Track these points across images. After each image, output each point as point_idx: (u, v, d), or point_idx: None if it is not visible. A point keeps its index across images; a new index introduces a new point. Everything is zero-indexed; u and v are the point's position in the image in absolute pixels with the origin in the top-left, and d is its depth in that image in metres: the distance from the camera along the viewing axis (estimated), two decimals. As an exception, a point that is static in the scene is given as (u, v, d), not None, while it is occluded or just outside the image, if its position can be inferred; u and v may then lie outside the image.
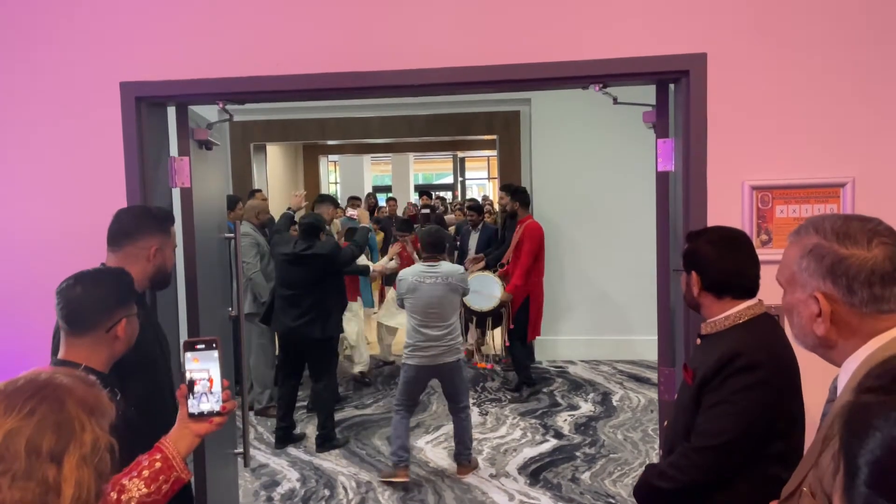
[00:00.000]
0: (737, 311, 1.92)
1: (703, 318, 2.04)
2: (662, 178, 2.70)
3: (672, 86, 2.61)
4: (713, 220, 2.43)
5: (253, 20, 2.64)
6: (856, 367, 1.20)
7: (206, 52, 2.66)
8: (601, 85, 2.55)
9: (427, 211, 8.19)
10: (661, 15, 2.45)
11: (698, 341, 2.05)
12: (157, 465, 1.59)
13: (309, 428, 5.23)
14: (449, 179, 20.30)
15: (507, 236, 6.31)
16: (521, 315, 5.88)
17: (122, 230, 2.21)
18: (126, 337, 1.84)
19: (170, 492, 1.60)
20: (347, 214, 5.17)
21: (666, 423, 2.31)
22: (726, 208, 2.43)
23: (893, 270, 1.19)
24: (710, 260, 1.95)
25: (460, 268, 4.54)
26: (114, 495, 1.51)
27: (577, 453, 4.76)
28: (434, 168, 21.35)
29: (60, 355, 1.77)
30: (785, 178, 2.40)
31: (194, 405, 1.67)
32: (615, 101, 2.74)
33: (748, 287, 1.94)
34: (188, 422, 1.66)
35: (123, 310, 1.83)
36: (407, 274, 4.35)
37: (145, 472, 1.56)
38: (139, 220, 2.24)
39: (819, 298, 1.22)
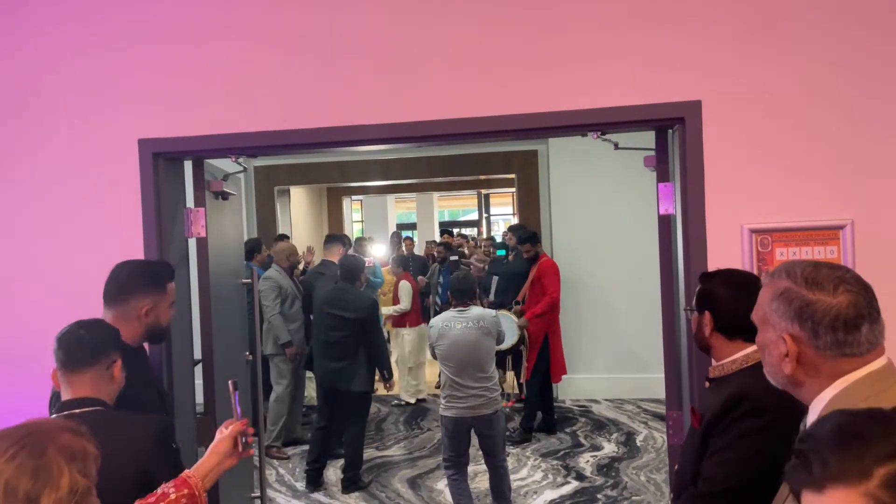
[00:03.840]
0: (744, 354, 1.91)
1: (710, 361, 2.04)
2: (665, 222, 2.72)
3: (670, 131, 2.65)
4: (713, 263, 2.43)
5: (263, 78, 2.75)
6: (822, 407, 1.25)
7: (219, 110, 2.78)
8: (599, 133, 2.60)
9: (442, 250, 8.18)
10: (656, 64, 2.50)
11: (707, 384, 2.04)
12: (184, 501, 1.67)
13: (329, 471, 5.25)
14: (474, 216, 20.38)
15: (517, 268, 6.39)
16: (543, 355, 5.86)
17: (115, 289, 2.22)
18: (119, 379, 1.92)
19: None
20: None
21: (676, 466, 2.29)
22: (726, 251, 2.44)
23: (856, 317, 1.24)
24: (725, 301, 1.94)
25: (492, 312, 4.37)
26: None
27: (599, 496, 4.70)
28: (459, 204, 21.46)
29: (70, 395, 1.82)
30: (784, 221, 2.41)
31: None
32: (616, 146, 2.79)
33: None
34: (224, 456, 1.78)
35: (117, 353, 1.92)
36: (436, 321, 4.21)
37: None
38: (132, 279, 2.23)
39: (787, 340, 1.28)
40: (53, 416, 1.83)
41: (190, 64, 2.80)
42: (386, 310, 6.98)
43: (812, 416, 1.29)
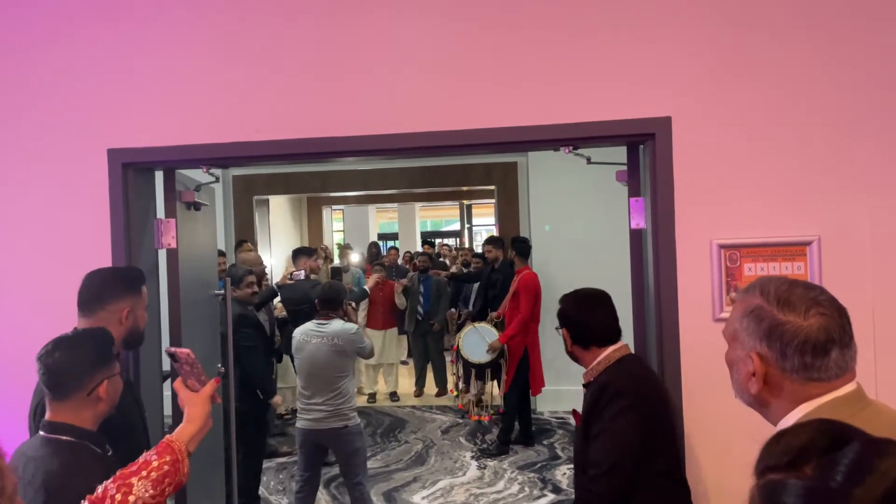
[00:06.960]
0: (605, 355, 2.27)
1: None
2: (636, 236, 2.74)
3: (641, 146, 2.67)
4: (683, 277, 2.45)
5: (235, 89, 2.74)
6: None
7: (190, 120, 2.75)
8: (571, 147, 2.61)
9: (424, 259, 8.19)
10: (628, 80, 2.52)
11: (584, 391, 2.31)
12: (166, 467, 1.61)
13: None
14: (456, 226, 20.40)
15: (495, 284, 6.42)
16: (522, 367, 5.84)
17: (92, 295, 2.19)
18: (109, 397, 1.84)
19: (170, 493, 1.62)
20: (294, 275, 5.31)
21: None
22: (695, 266, 2.45)
23: (826, 341, 1.21)
24: (572, 317, 2.34)
25: (353, 327, 4.08)
26: (118, 496, 1.52)
27: (575, 508, 4.68)
28: (441, 215, 21.48)
29: (47, 417, 1.78)
30: (752, 236, 2.43)
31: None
32: (588, 161, 2.80)
33: (607, 335, 2.30)
34: (205, 420, 1.75)
35: (104, 371, 1.83)
36: (298, 332, 4.06)
37: (153, 474, 1.58)
38: (108, 284, 2.22)
39: (754, 358, 1.25)
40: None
41: (160, 73, 2.77)
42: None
43: None
